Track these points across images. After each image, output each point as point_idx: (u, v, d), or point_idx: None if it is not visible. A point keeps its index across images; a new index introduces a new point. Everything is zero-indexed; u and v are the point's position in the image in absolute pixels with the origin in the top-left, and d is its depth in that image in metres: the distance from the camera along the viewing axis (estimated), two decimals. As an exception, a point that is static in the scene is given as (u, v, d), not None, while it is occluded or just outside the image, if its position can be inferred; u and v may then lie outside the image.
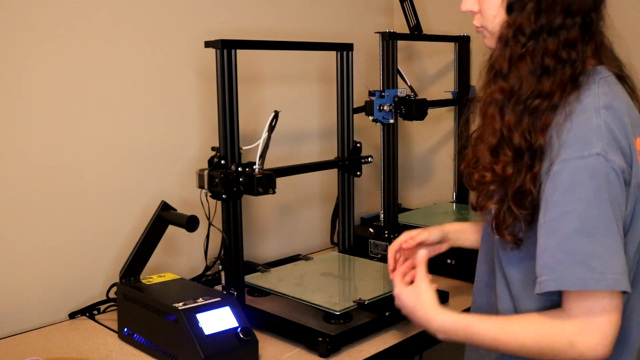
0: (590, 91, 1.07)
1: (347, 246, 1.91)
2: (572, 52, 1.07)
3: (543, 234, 1.03)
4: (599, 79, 1.10)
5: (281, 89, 2.11)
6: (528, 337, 1.06)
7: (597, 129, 1.02)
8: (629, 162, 1.04)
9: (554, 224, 1.02)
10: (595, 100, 1.06)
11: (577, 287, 0.99)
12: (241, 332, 1.32)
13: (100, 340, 1.50)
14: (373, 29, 2.05)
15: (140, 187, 1.77)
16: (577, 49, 1.07)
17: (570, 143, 1.02)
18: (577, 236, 1.00)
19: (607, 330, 0.99)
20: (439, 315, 1.18)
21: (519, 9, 1.10)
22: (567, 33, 1.07)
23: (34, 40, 1.56)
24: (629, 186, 1.05)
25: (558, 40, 1.06)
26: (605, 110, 1.05)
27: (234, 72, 1.53)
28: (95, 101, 1.68)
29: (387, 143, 2.01)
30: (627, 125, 1.06)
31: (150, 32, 1.77)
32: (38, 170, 1.59)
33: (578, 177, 1.01)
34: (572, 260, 1.00)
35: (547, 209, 1.03)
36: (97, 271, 1.71)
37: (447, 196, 2.44)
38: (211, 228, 1.59)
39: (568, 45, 1.07)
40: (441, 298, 1.65)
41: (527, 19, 1.08)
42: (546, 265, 1.02)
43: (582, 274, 0.99)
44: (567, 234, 1.00)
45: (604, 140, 1.02)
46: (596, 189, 1.00)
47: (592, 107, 1.05)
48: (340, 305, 1.46)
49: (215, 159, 1.53)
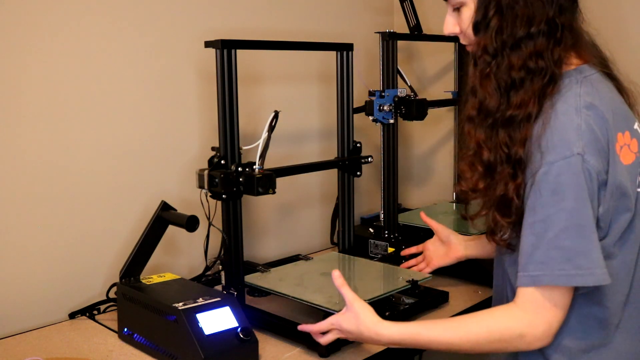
0: (572, 91, 1.10)
1: (347, 246, 1.91)
2: (540, 61, 1.10)
3: (533, 233, 1.08)
4: (582, 79, 1.12)
5: (281, 89, 2.11)
6: (481, 335, 1.12)
7: (578, 128, 1.06)
8: (606, 161, 1.08)
9: (543, 224, 1.06)
10: (577, 100, 1.09)
11: (564, 283, 1.06)
12: (241, 332, 1.32)
13: (100, 340, 1.50)
14: (373, 29, 2.05)
15: (140, 187, 1.77)
16: (545, 57, 1.10)
17: (553, 145, 1.06)
18: (565, 234, 1.05)
19: (553, 323, 1.08)
20: (385, 330, 1.21)
21: (483, 28, 1.14)
22: (533, 44, 1.10)
23: (34, 40, 1.56)
24: (605, 186, 1.08)
25: (522, 53, 1.10)
26: (586, 110, 1.08)
27: (234, 72, 1.53)
28: (95, 101, 1.68)
29: (387, 143, 2.01)
30: (608, 122, 1.10)
31: (150, 32, 1.77)
32: (38, 170, 1.59)
33: (563, 178, 1.05)
34: (562, 258, 1.05)
35: (535, 209, 1.07)
36: (97, 271, 1.71)
37: (447, 196, 2.44)
38: (211, 228, 1.59)
39: (535, 55, 1.10)
40: (441, 298, 1.66)
41: (490, 38, 1.12)
42: (540, 261, 1.07)
43: (569, 270, 1.05)
44: (556, 233, 1.05)
45: (583, 140, 1.05)
46: (580, 189, 1.05)
47: (573, 107, 1.08)
48: (340, 305, 1.46)
49: (215, 159, 1.53)
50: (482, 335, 1.12)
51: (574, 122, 1.07)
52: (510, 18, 1.11)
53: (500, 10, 1.11)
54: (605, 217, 1.10)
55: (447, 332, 1.15)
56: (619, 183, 1.10)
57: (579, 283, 1.05)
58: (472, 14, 1.16)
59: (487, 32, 1.13)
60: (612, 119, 1.11)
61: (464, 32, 1.21)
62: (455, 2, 1.20)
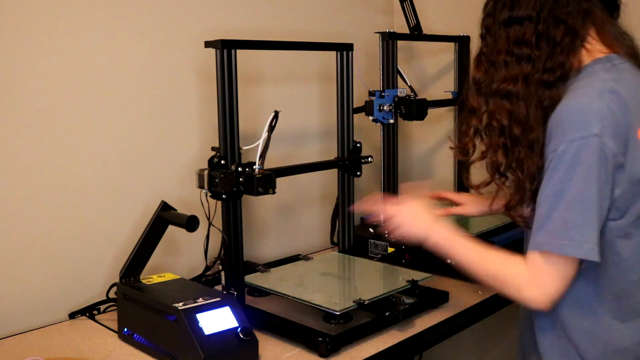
0: (598, 76, 1.18)
1: (347, 246, 1.91)
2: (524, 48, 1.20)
3: (546, 204, 1.16)
4: (610, 66, 1.20)
5: (281, 89, 2.11)
6: (491, 269, 1.25)
7: (599, 111, 1.13)
8: (625, 146, 1.14)
9: (556, 197, 1.14)
10: (602, 85, 1.16)
11: (556, 251, 1.14)
12: (241, 332, 1.32)
13: (100, 340, 1.50)
14: (373, 29, 2.05)
15: (140, 187, 1.77)
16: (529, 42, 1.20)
17: (574, 125, 1.13)
18: (569, 208, 1.13)
19: (550, 289, 1.16)
20: (438, 228, 1.38)
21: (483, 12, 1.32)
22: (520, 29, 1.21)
23: (33, 40, 1.56)
24: (622, 169, 1.15)
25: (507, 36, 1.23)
26: (609, 95, 1.14)
27: (234, 72, 1.53)
28: (95, 101, 1.68)
29: (387, 143, 2.01)
30: (630, 109, 1.16)
31: (150, 32, 1.77)
32: (38, 170, 1.59)
33: (578, 156, 1.12)
34: (562, 228, 1.13)
35: (551, 183, 1.15)
36: (97, 271, 1.71)
37: (447, 196, 2.44)
38: (211, 228, 1.59)
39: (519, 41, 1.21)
40: (441, 298, 1.66)
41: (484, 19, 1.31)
42: (547, 229, 1.15)
43: (564, 240, 1.13)
44: (564, 206, 1.13)
45: (602, 122, 1.12)
46: (590, 168, 1.12)
47: (597, 91, 1.15)
48: (340, 305, 1.46)
49: (215, 159, 1.53)
50: (491, 271, 1.25)
51: (595, 105, 1.13)
52: (500, 3, 1.24)
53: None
54: (622, 199, 1.16)
55: (470, 253, 1.30)
56: (637, 169, 1.16)
57: (567, 253, 1.13)
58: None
59: (483, 15, 1.29)
60: (636, 107, 1.17)
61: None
62: None
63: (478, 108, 1.27)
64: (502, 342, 2.41)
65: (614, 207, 1.16)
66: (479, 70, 1.28)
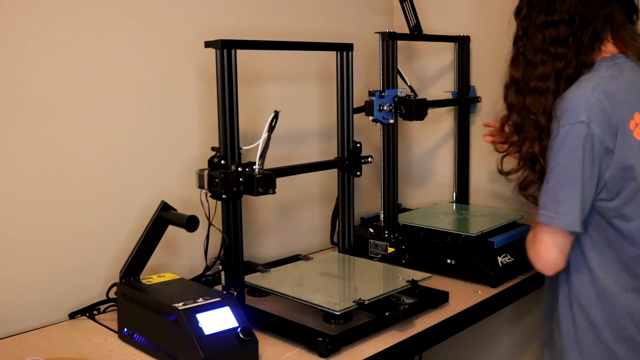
0: (598, 73, 1.34)
1: (347, 246, 1.91)
2: (560, 48, 1.35)
3: (544, 181, 1.35)
4: (613, 64, 1.36)
5: (281, 89, 2.11)
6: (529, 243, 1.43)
7: (588, 101, 1.29)
8: (614, 134, 1.30)
9: (549, 175, 1.33)
10: (597, 81, 1.32)
11: (546, 222, 1.33)
12: (241, 332, 1.32)
13: (100, 340, 1.50)
14: (373, 29, 2.05)
15: (140, 187, 1.77)
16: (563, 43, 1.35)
17: (566, 113, 1.30)
18: (558, 185, 1.31)
19: (546, 256, 1.36)
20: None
21: (517, 14, 1.45)
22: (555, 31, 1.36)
23: (33, 40, 1.56)
24: (612, 153, 1.31)
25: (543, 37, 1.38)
26: (601, 89, 1.31)
27: (234, 72, 1.53)
28: (95, 101, 1.68)
29: (387, 143, 2.02)
30: (621, 102, 1.32)
31: (150, 32, 1.77)
32: (38, 170, 1.59)
33: (567, 140, 1.30)
34: (551, 202, 1.32)
35: (548, 164, 1.34)
36: (97, 271, 1.71)
37: (447, 196, 2.44)
38: (211, 228, 1.59)
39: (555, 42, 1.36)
40: (441, 298, 1.66)
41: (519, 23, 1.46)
42: (543, 203, 1.35)
43: (552, 213, 1.32)
44: (554, 183, 1.32)
45: (590, 112, 1.28)
46: (576, 150, 1.28)
47: (591, 85, 1.32)
48: (340, 305, 1.46)
49: (215, 159, 1.53)
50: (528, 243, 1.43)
51: (585, 96, 1.30)
52: (536, 7, 1.38)
53: (530, 1, 1.40)
54: (612, 182, 1.32)
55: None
56: (625, 156, 1.31)
57: (554, 224, 1.32)
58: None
59: (518, 18, 1.43)
60: (630, 100, 1.34)
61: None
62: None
63: (517, 104, 1.42)
64: (502, 342, 2.41)
65: (605, 189, 1.33)
66: (518, 69, 1.43)
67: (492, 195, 2.33)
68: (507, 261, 1.84)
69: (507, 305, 1.86)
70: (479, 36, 2.29)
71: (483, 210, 2.24)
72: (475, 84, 2.32)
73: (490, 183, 2.33)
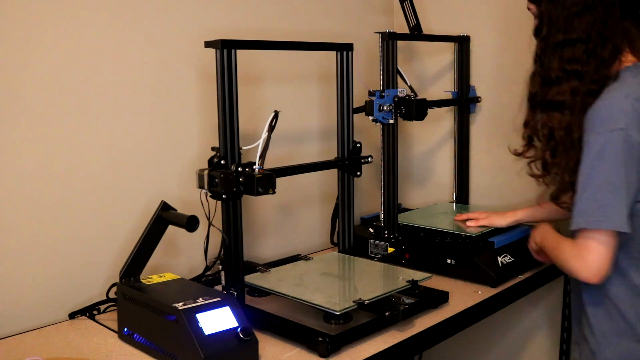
0: (626, 81, 1.40)
1: (347, 246, 1.91)
2: (575, 65, 1.41)
3: (578, 188, 1.39)
4: (637, 72, 1.43)
5: (281, 89, 2.11)
6: (558, 253, 1.49)
7: (624, 109, 1.35)
8: None
9: (587, 180, 1.38)
10: (628, 88, 1.38)
11: (594, 227, 1.36)
12: (241, 332, 1.32)
13: (100, 340, 1.50)
14: (373, 29, 2.05)
15: (140, 187, 1.77)
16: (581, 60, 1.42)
17: (602, 121, 1.36)
18: (599, 190, 1.36)
19: (594, 262, 1.37)
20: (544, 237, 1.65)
21: (538, 34, 1.50)
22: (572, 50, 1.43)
23: (34, 40, 1.56)
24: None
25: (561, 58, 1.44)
26: (633, 96, 1.36)
27: (234, 72, 1.53)
28: (95, 101, 1.68)
29: (387, 143, 2.02)
30: None
31: (150, 32, 1.77)
32: (38, 171, 1.59)
33: (607, 147, 1.35)
34: (594, 207, 1.36)
35: (582, 170, 1.38)
36: (97, 271, 1.71)
37: (447, 196, 2.44)
38: (211, 228, 1.59)
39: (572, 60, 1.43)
40: (441, 298, 1.66)
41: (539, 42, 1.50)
42: (580, 209, 1.38)
43: (598, 217, 1.36)
44: (594, 188, 1.36)
45: (627, 119, 1.34)
46: (617, 155, 1.34)
47: (623, 94, 1.37)
48: (340, 305, 1.46)
49: (215, 159, 1.53)
50: (558, 254, 1.49)
51: (620, 104, 1.36)
52: (554, 28, 1.44)
53: (550, 21, 1.45)
54: None
55: (552, 245, 1.56)
56: None
57: (602, 227, 1.35)
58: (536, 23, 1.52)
59: (538, 38, 1.49)
60: None
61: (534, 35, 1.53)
62: (532, 12, 1.54)
63: (533, 119, 1.50)
64: (502, 342, 2.41)
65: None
66: (534, 86, 1.50)
67: (492, 195, 2.33)
68: (507, 261, 1.84)
69: (507, 305, 1.86)
70: (479, 36, 2.29)
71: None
72: (475, 84, 2.32)
73: (490, 183, 2.33)
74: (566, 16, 1.43)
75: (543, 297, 2.25)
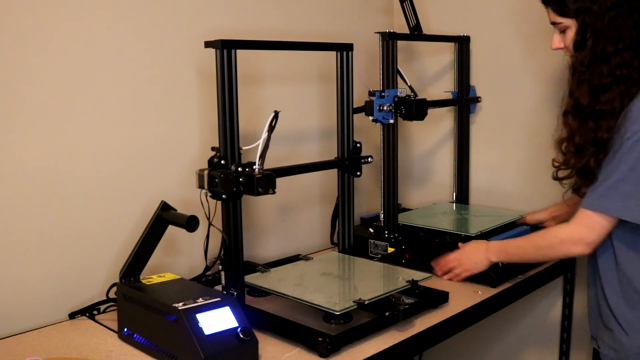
0: None
1: (347, 246, 1.91)
2: (624, 70, 1.47)
3: (603, 176, 1.47)
4: None
5: (281, 89, 2.11)
6: (542, 243, 1.61)
7: None
8: None
9: (613, 172, 1.45)
10: None
11: (614, 214, 1.46)
12: (241, 332, 1.32)
13: (100, 340, 1.50)
14: (373, 29, 2.05)
15: (140, 187, 1.77)
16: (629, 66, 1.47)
17: (636, 120, 1.43)
18: (624, 181, 1.44)
19: (590, 239, 1.49)
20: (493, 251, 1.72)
21: (582, 47, 1.53)
22: (620, 57, 1.48)
23: (34, 40, 1.56)
24: None
25: (610, 64, 1.48)
26: None
27: (234, 72, 1.53)
28: (95, 101, 1.68)
29: (387, 143, 2.02)
30: None
31: (150, 32, 1.77)
32: (38, 171, 1.59)
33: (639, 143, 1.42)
34: (617, 196, 1.45)
35: (612, 161, 1.45)
36: (97, 271, 1.71)
37: (447, 196, 2.44)
38: (211, 228, 1.59)
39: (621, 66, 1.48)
40: (441, 298, 1.66)
41: (586, 54, 1.52)
42: (600, 194, 1.47)
43: (618, 206, 1.44)
44: (619, 178, 1.44)
45: None
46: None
47: None
48: (340, 305, 1.46)
49: (215, 159, 1.53)
50: (542, 243, 1.61)
51: None
52: (602, 39, 1.49)
53: (595, 33, 1.50)
54: None
55: (522, 246, 1.67)
56: None
57: (622, 217, 1.45)
58: (573, 36, 1.55)
59: (585, 50, 1.52)
60: None
61: (567, 47, 1.59)
62: (561, 26, 1.57)
63: (580, 128, 1.53)
64: (502, 342, 2.42)
65: None
66: (583, 96, 1.52)
67: (492, 196, 2.33)
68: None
69: (507, 305, 1.86)
70: (479, 36, 2.29)
71: (482, 210, 2.24)
72: (475, 84, 2.32)
73: (490, 183, 2.33)
74: (612, 27, 1.48)
75: (543, 297, 2.25)
